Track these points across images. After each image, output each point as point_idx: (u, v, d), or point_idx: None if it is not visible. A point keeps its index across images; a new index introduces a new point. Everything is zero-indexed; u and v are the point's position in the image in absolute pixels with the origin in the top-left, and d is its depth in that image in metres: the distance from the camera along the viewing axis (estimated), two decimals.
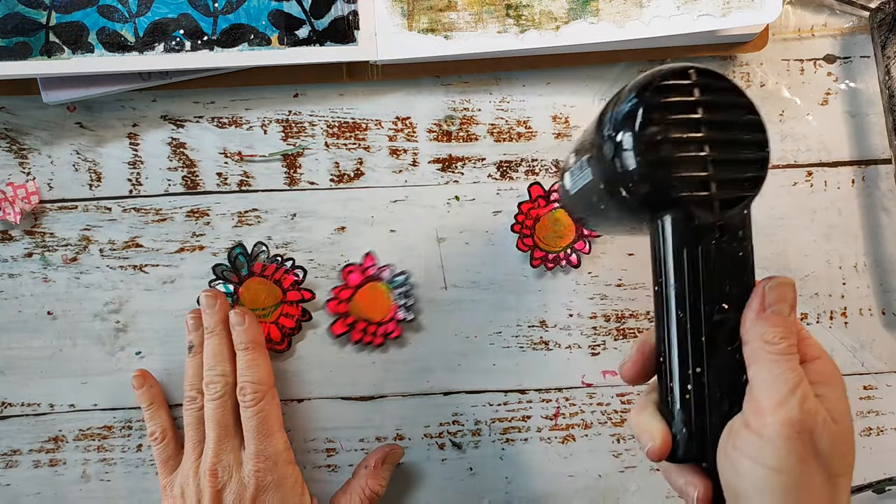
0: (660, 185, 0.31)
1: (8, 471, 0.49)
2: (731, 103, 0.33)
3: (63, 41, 0.45)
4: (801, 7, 0.51)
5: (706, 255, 0.32)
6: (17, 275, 0.49)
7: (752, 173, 0.33)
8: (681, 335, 0.33)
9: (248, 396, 0.45)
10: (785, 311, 0.32)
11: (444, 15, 0.47)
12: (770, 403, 0.30)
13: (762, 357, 0.31)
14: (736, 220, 0.33)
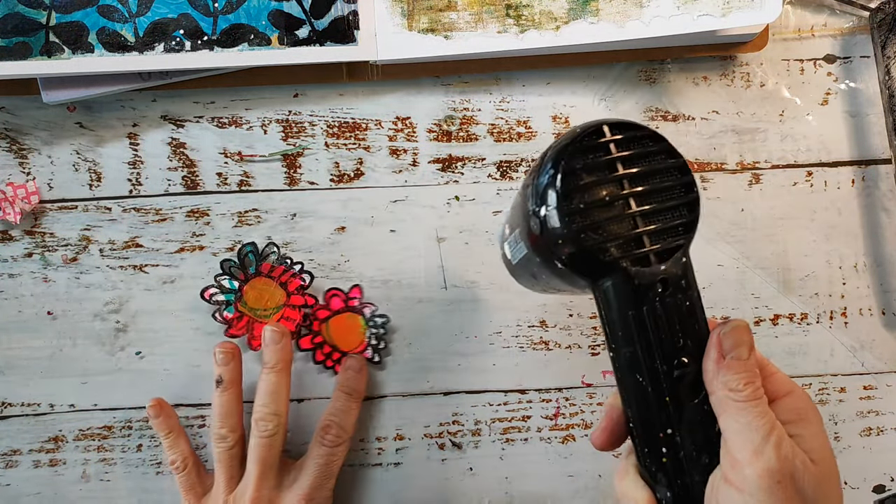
0: (592, 252, 0.31)
1: (8, 471, 0.49)
2: (650, 152, 0.32)
3: (63, 41, 0.45)
4: (801, 7, 0.52)
5: (653, 314, 0.31)
6: (17, 275, 0.49)
7: (684, 218, 0.32)
8: (645, 399, 0.32)
9: (329, 437, 0.45)
10: (744, 355, 0.31)
11: (444, 15, 0.47)
12: (745, 455, 0.29)
13: (729, 406, 0.30)
14: (677, 270, 0.32)
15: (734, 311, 0.50)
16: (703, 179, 0.51)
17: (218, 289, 0.48)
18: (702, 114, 0.51)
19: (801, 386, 0.49)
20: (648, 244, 0.31)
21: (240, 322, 0.48)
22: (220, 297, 0.48)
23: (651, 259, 0.31)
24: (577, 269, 0.32)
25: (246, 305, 0.48)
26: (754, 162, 0.51)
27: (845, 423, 0.50)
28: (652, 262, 0.31)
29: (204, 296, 0.48)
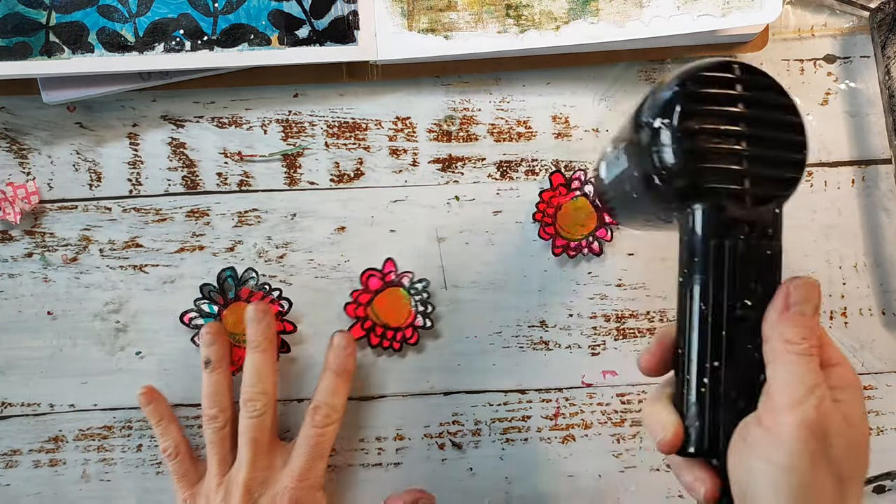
0: (693, 175, 0.32)
1: (8, 471, 0.49)
2: (772, 102, 0.33)
3: (63, 41, 0.45)
4: (801, 7, 0.51)
5: (733, 250, 0.32)
6: (17, 275, 0.49)
7: (788, 174, 0.33)
8: (702, 327, 0.33)
9: (318, 418, 0.45)
10: (808, 312, 0.32)
11: (444, 15, 0.47)
12: (787, 403, 0.30)
13: (782, 356, 0.31)
14: (767, 217, 0.33)
15: None
16: None
17: (197, 313, 0.48)
18: None
19: None
20: (748, 185, 0.32)
21: None
22: (199, 321, 0.48)
23: (746, 199, 0.32)
24: (674, 188, 0.32)
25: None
26: None
27: None
28: (746, 203, 0.32)
29: (183, 320, 0.48)
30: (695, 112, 0.31)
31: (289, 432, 0.49)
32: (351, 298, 0.48)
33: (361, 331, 0.48)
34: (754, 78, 0.32)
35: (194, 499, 0.46)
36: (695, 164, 0.31)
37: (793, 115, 0.33)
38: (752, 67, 0.33)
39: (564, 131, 0.51)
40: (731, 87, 0.32)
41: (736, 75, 0.32)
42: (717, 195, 0.32)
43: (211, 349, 0.46)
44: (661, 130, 0.32)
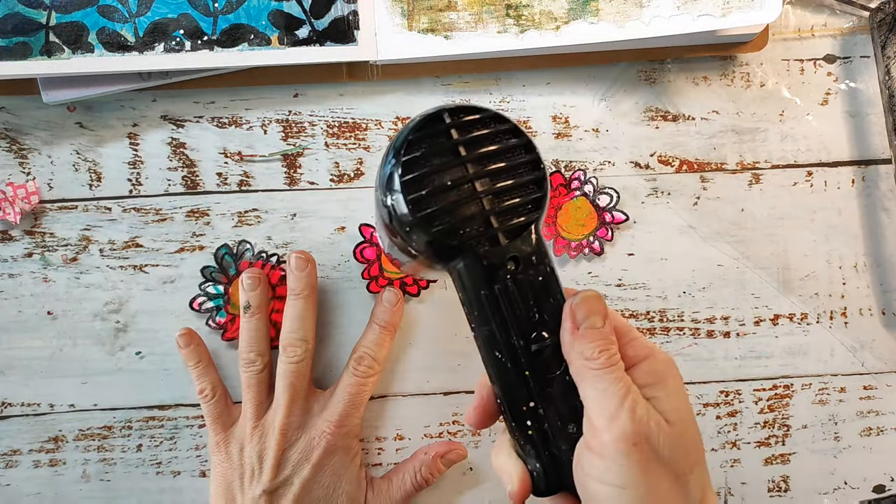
0: (440, 238, 0.31)
1: (8, 471, 0.49)
2: (494, 133, 0.32)
3: (63, 41, 0.45)
4: (801, 7, 0.52)
5: (505, 292, 0.32)
6: (17, 275, 0.49)
7: (532, 195, 0.32)
8: (505, 375, 0.32)
9: (361, 368, 0.46)
10: (598, 324, 0.32)
11: (444, 15, 0.47)
12: (602, 421, 0.30)
13: (586, 375, 0.31)
14: (527, 246, 0.32)
15: (734, 310, 0.50)
16: (703, 179, 0.51)
17: (205, 296, 0.48)
18: (702, 114, 0.51)
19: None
20: (496, 224, 0.31)
21: (233, 325, 0.48)
22: (209, 304, 0.48)
23: (500, 238, 0.31)
24: (428, 255, 0.32)
25: (235, 307, 0.48)
26: (754, 162, 0.51)
27: (845, 423, 0.50)
28: (501, 242, 0.31)
29: (193, 306, 0.48)
30: (417, 179, 0.31)
31: None
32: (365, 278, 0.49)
33: (377, 287, 0.49)
34: (468, 118, 0.32)
35: (227, 442, 0.46)
36: (438, 228, 0.31)
37: (515, 137, 0.32)
38: (461, 107, 0.32)
39: (564, 131, 0.51)
40: (446, 136, 0.31)
41: (447, 123, 0.31)
42: (471, 247, 0.31)
43: (252, 294, 0.47)
44: (395, 206, 0.31)
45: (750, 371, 0.50)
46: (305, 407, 0.46)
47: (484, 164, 0.32)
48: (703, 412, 0.50)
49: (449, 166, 0.31)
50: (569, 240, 0.49)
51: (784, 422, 0.50)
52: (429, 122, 0.32)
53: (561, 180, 0.49)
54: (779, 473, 0.50)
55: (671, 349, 0.50)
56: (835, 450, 0.50)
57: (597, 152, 0.50)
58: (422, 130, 0.31)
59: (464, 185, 0.31)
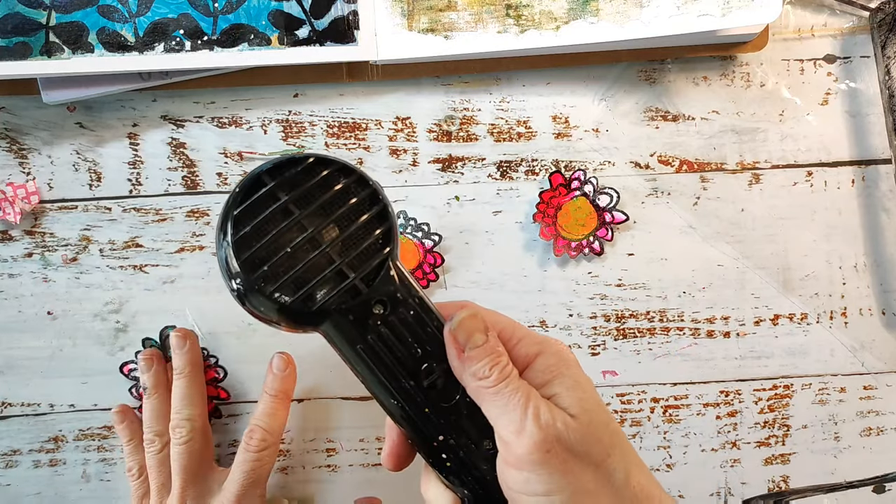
0: (298, 308, 0.30)
1: (8, 471, 0.49)
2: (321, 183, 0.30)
3: (63, 41, 0.45)
4: (801, 7, 0.51)
5: (381, 340, 0.31)
6: (17, 275, 0.49)
7: (378, 230, 0.31)
8: (407, 417, 0.32)
9: (254, 442, 0.44)
10: (480, 341, 0.31)
11: (444, 15, 0.47)
12: (511, 436, 0.29)
13: (483, 395, 0.30)
14: (389, 286, 0.31)
15: (734, 310, 0.50)
16: (703, 179, 0.51)
17: (135, 365, 0.49)
18: (702, 114, 0.51)
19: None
20: (351, 273, 0.30)
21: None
22: (136, 374, 0.48)
23: (359, 287, 0.30)
24: (292, 325, 0.31)
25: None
26: (754, 162, 0.51)
27: (845, 423, 0.50)
28: (362, 290, 0.30)
29: (122, 370, 0.49)
30: (255, 256, 0.29)
31: (289, 432, 0.49)
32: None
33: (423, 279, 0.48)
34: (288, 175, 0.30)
35: None
36: (293, 300, 0.29)
37: (345, 178, 0.31)
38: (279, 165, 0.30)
39: (564, 131, 0.51)
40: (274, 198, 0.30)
41: (269, 185, 0.30)
42: (335, 305, 0.30)
43: (146, 375, 0.47)
44: (241, 290, 0.30)
45: (750, 371, 0.50)
46: (203, 488, 0.45)
47: (320, 215, 0.30)
48: (703, 412, 0.50)
49: (284, 230, 0.30)
50: (569, 240, 0.49)
51: (784, 422, 0.50)
52: (251, 190, 0.30)
53: (561, 180, 0.49)
54: (779, 473, 0.50)
55: (671, 349, 0.50)
56: (835, 450, 0.50)
57: (597, 152, 0.50)
58: (246, 202, 0.30)
59: (306, 245, 0.30)
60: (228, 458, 0.49)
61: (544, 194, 0.49)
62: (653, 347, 0.50)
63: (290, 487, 0.49)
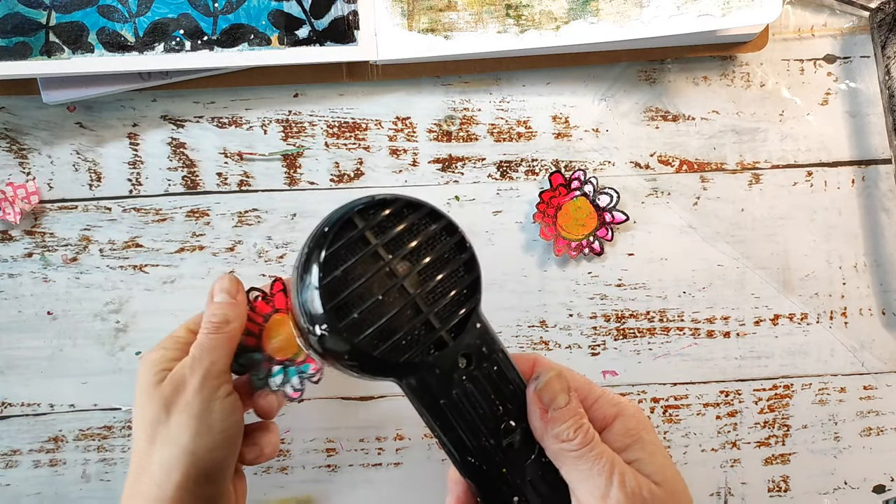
0: (385, 359, 0.28)
1: (8, 471, 0.49)
2: (411, 225, 0.29)
3: (63, 41, 0.45)
4: (801, 7, 0.51)
5: (465, 395, 0.30)
6: (17, 275, 0.49)
7: (466, 280, 0.30)
8: (482, 477, 0.30)
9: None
10: (563, 403, 0.30)
11: (444, 15, 0.47)
12: (595, 501, 0.29)
13: (566, 458, 0.30)
14: (474, 339, 0.30)
15: (734, 310, 0.50)
16: (703, 179, 0.51)
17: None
18: (702, 114, 0.51)
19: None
20: (438, 324, 0.29)
21: None
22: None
23: (446, 339, 0.29)
24: (374, 376, 0.30)
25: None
26: (754, 162, 0.51)
27: (845, 423, 0.50)
28: (448, 342, 0.29)
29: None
30: (344, 302, 0.28)
31: (289, 432, 0.49)
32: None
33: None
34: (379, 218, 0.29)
35: None
36: (380, 351, 0.28)
37: (434, 223, 0.30)
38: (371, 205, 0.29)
39: (564, 131, 0.51)
40: (363, 244, 0.28)
41: (360, 227, 0.28)
42: (421, 358, 0.29)
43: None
44: (324, 339, 0.28)
45: (750, 371, 0.50)
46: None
47: (409, 261, 0.29)
48: (703, 412, 0.50)
49: (374, 276, 0.28)
50: (569, 240, 0.49)
51: (784, 422, 0.50)
52: (340, 232, 0.28)
53: (561, 180, 0.49)
54: (779, 473, 0.50)
55: (671, 349, 0.50)
56: (835, 450, 0.50)
57: (597, 152, 0.50)
58: (336, 244, 0.28)
59: (395, 294, 0.28)
60: None
61: (544, 194, 0.49)
62: (653, 347, 0.50)
63: (290, 487, 0.49)
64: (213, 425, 0.37)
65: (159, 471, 0.36)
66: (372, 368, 0.29)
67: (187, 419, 0.36)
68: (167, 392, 0.37)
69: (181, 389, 0.37)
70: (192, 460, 0.36)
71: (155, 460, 0.36)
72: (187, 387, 0.37)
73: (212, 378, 0.37)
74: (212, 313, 0.39)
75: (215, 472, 0.37)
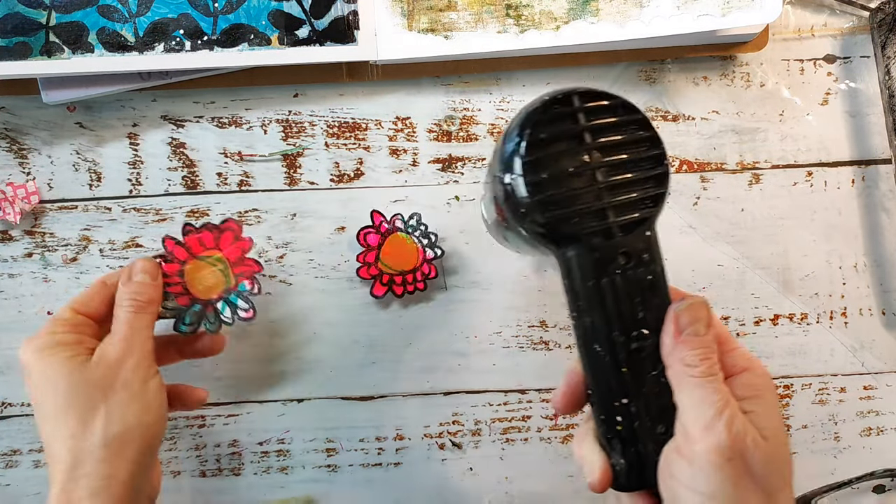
0: (554, 224, 0.30)
1: (8, 471, 0.49)
2: (621, 122, 0.31)
3: (63, 41, 0.45)
4: (801, 7, 0.52)
5: (613, 286, 0.31)
6: (17, 275, 0.49)
7: (652, 191, 0.31)
8: (601, 368, 0.32)
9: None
10: (701, 331, 0.31)
11: (444, 15, 0.47)
12: (697, 429, 0.30)
13: (685, 381, 0.31)
14: (640, 243, 0.31)
15: (734, 310, 0.50)
16: (702, 179, 0.51)
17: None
18: (702, 114, 0.51)
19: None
20: (612, 217, 0.31)
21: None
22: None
23: (614, 232, 0.31)
24: (539, 238, 0.31)
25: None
26: (754, 162, 0.51)
27: (845, 423, 0.50)
28: (615, 235, 0.31)
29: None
30: (540, 161, 0.30)
31: (289, 432, 0.49)
32: (359, 262, 0.48)
33: (382, 286, 0.48)
34: (596, 104, 0.31)
35: None
36: (553, 214, 0.30)
37: (643, 130, 0.32)
38: (592, 92, 0.31)
39: None
40: (573, 120, 0.31)
41: (576, 106, 0.31)
42: (585, 237, 0.31)
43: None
44: (513, 186, 0.31)
45: None
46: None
47: (607, 153, 0.31)
48: None
49: (572, 152, 0.31)
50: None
51: (784, 421, 0.50)
52: (557, 104, 0.31)
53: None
54: None
55: None
56: (835, 450, 0.50)
57: None
58: (549, 111, 0.31)
59: (584, 174, 0.31)
60: (227, 458, 0.49)
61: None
62: None
63: (290, 487, 0.49)
64: (151, 401, 0.38)
65: (107, 451, 0.36)
66: (541, 229, 0.31)
67: (129, 397, 0.37)
68: (98, 374, 0.37)
69: (117, 369, 0.38)
70: (141, 434, 0.37)
71: (97, 443, 0.36)
72: (124, 366, 0.38)
73: (147, 356, 0.39)
74: (135, 292, 0.40)
75: (157, 445, 0.39)
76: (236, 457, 0.49)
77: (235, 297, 0.43)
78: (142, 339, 0.39)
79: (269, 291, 0.49)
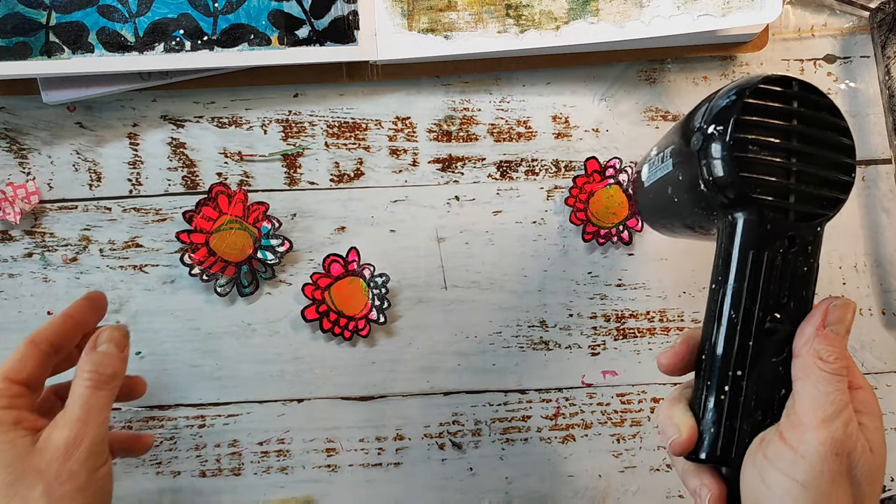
0: (740, 185, 0.32)
1: None
2: (826, 122, 0.33)
3: (63, 41, 0.45)
4: (801, 7, 0.51)
5: (771, 262, 0.32)
6: (17, 275, 0.49)
7: (834, 194, 0.33)
8: (729, 335, 0.33)
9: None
10: (842, 332, 0.32)
11: (444, 15, 0.47)
12: (813, 420, 0.30)
13: (814, 373, 0.31)
14: (808, 234, 0.33)
15: None
16: None
17: None
18: None
19: None
20: (793, 200, 0.32)
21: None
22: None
23: (790, 214, 0.32)
24: (719, 195, 0.33)
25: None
26: None
27: None
28: (790, 218, 0.32)
29: None
30: (749, 123, 0.32)
31: (290, 432, 0.49)
32: (311, 280, 0.48)
33: (315, 314, 0.48)
34: (811, 96, 0.33)
35: None
36: (743, 174, 0.32)
37: (845, 138, 0.33)
38: (811, 86, 0.33)
39: (564, 131, 0.51)
40: (788, 102, 0.33)
41: (794, 91, 0.33)
42: (762, 207, 0.32)
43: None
44: (714, 137, 0.33)
45: None
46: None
47: (808, 144, 0.33)
48: None
49: (779, 129, 0.32)
50: (598, 227, 0.49)
51: None
52: (780, 82, 0.33)
53: (596, 166, 0.49)
54: None
55: None
56: None
57: (597, 152, 0.50)
58: (771, 85, 0.33)
59: (782, 152, 0.32)
60: (227, 458, 0.49)
61: (578, 179, 0.49)
62: (653, 347, 0.50)
63: (290, 487, 0.49)
64: (97, 491, 0.34)
65: None
66: (723, 185, 0.33)
67: (74, 490, 0.33)
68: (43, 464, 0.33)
69: (64, 460, 0.33)
70: None
71: None
72: (72, 456, 0.33)
73: (99, 441, 0.34)
74: (98, 363, 0.36)
75: None
76: (236, 457, 0.49)
77: (266, 240, 0.48)
78: (97, 421, 0.34)
79: (268, 291, 0.49)
